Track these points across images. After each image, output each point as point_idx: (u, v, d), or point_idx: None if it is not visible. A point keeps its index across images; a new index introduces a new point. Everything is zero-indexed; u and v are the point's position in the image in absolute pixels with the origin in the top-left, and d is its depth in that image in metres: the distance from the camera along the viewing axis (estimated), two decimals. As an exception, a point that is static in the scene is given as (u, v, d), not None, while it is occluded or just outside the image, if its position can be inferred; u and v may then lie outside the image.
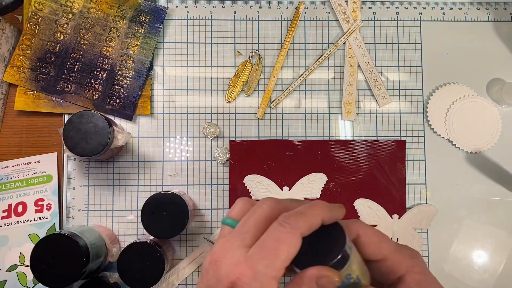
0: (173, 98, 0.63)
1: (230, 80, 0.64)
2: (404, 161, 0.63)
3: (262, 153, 0.62)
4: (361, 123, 0.64)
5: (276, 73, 0.64)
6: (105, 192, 0.62)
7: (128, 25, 0.63)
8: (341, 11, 0.65)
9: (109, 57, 0.62)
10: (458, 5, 0.66)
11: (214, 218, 0.62)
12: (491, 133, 0.64)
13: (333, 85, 0.64)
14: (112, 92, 0.62)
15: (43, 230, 0.60)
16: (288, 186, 0.62)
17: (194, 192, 0.62)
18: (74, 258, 0.50)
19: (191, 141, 0.63)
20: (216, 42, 0.64)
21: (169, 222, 0.54)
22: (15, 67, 0.62)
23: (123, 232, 0.61)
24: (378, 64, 0.65)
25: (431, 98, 0.64)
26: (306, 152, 0.62)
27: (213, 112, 0.63)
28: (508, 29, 0.66)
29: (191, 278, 0.61)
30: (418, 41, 0.65)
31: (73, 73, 0.62)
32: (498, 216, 0.63)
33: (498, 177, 0.64)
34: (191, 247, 0.61)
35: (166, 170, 0.62)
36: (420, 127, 0.64)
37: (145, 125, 0.63)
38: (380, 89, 0.64)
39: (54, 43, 0.62)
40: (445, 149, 0.64)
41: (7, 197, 0.61)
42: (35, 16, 0.62)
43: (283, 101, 0.64)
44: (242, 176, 0.62)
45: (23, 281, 0.60)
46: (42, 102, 0.62)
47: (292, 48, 0.65)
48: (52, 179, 0.61)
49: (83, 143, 0.54)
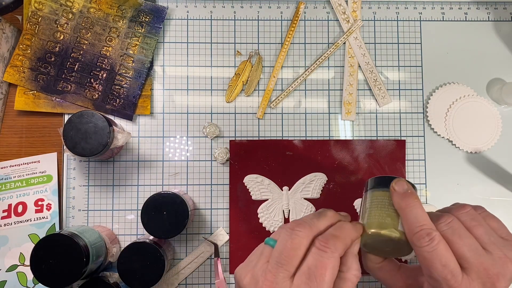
0: (173, 98, 0.63)
1: (230, 80, 0.64)
2: (404, 161, 0.63)
3: (262, 153, 0.62)
4: (361, 123, 0.64)
5: (276, 73, 0.64)
6: (105, 192, 0.62)
7: (128, 25, 0.63)
8: (341, 11, 0.65)
9: (109, 57, 0.62)
10: (458, 5, 0.66)
11: (214, 218, 0.62)
12: (491, 133, 0.64)
13: (333, 85, 0.64)
14: (112, 92, 0.62)
15: (43, 230, 0.60)
16: (288, 186, 0.62)
17: (194, 192, 0.62)
18: (74, 258, 0.50)
19: (191, 141, 0.63)
20: (216, 42, 0.64)
21: (169, 222, 0.54)
22: (15, 67, 0.62)
23: (123, 232, 0.61)
24: (378, 64, 0.65)
25: (431, 98, 0.64)
26: (306, 152, 0.62)
27: (213, 112, 0.63)
28: (508, 29, 0.66)
29: (191, 278, 0.61)
30: (418, 41, 0.65)
31: (73, 73, 0.62)
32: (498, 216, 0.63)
33: (498, 177, 0.64)
34: (191, 247, 0.61)
35: (166, 170, 0.62)
36: (420, 127, 0.64)
37: (145, 125, 0.63)
38: (380, 89, 0.64)
39: (54, 43, 0.62)
40: (445, 149, 0.64)
41: (7, 197, 0.61)
42: (35, 16, 0.62)
43: (283, 101, 0.64)
44: (242, 176, 0.62)
45: (23, 281, 0.60)
46: (42, 102, 0.62)
47: (292, 48, 0.65)
48: (52, 179, 0.61)
49: (83, 143, 0.54)
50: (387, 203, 0.42)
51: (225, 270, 0.61)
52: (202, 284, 0.61)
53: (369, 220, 0.42)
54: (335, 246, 0.38)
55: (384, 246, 0.42)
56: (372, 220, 0.42)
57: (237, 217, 0.61)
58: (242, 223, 0.61)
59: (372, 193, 0.43)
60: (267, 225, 0.61)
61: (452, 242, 0.37)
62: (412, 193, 0.41)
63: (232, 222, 0.61)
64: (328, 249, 0.37)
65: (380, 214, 0.41)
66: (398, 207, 0.40)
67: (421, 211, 0.39)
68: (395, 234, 0.40)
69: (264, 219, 0.61)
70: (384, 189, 0.43)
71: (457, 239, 0.37)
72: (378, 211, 0.42)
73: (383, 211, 0.42)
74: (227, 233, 0.61)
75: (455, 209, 0.41)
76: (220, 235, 0.61)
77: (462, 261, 0.37)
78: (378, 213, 0.42)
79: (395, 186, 0.41)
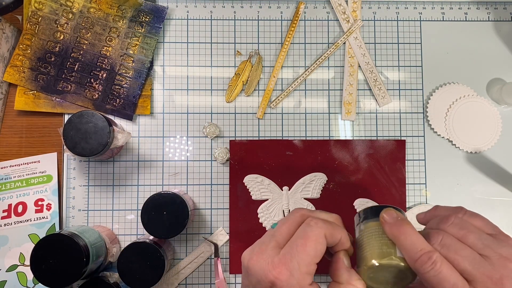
0: (173, 98, 0.63)
1: (230, 80, 0.64)
2: (404, 161, 0.63)
3: (262, 153, 0.62)
4: (361, 123, 0.64)
5: (276, 73, 0.64)
6: (105, 192, 0.62)
7: (128, 25, 0.63)
8: (341, 11, 0.65)
9: (109, 57, 0.62)
10: (458, 5, 0.66)
11: (214, 218, 0.62)
12: (491, 133, 0.64)
13: (333, 85, 0.64)
14: (112, 92, 0.62)
15: (43, 230, 0.60)
16: (288, 186, 0.62)
17: (194, 192, 0.62)
18: (74, 258, 0.50)
19: (191, 141, 0.63)
20: (216, 42, 0.64)
21: (169, 222, 0.54)
22: (15, 67, 0.62)
23: (123, 232, 0.61)
24: (378, 64, 0.65)
25: (431, 98, 0.64)
26: (306, 152, 0.62)
27: (213, 112, 0.63)
28: (508, 29, 0.66)
29: (191, 278, 0.61)
30: (418, 41, 0.65)
31: (73, 73, 0.62)
32: (498, 216, 0.63)
33: (498, 177, 0.64)
34: (191, 247, 0.61)
35: (166, 170, 0.62)
36: (420, 127, 0.64)
37: (145, 125, 0.63)
38: (380, 89, 0.64)
39: (54, 43, 0.62)
40: (445, 149, 0.64)
41: (7, 197, 0.61)
42: (35, 16, 0.62)
43: (283, 101, 0.64)
44: (242, 176, 0.62)
45: (23, 281, 0.60)
46: (42, 102, 0.62)
47: (292, 48, 0.65)
48: (52, 179, 0.61)
49: (83, 143, 0.54)
50: (382, 232, 0.41)
51: (225, 270, 0.61)
52: (202, 284, 0.61)
53: (367, 252, 0.41)
54: (322, 223, 0.40)
55: (388, 276, 0.42)
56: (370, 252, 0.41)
57: (237, 217, 0.61)
58: (242, 223, 0.61)
59: (365, 225, 0.43)
60: (267, 225, 0.61)
61: (451, 259, 0.37)
62: (403, 219, 0.40)
63: (232, 222, 0.61)
64: (314, 224, 0.40)
65: (377, 245, 0.41)
66: (392, 237, 0.40)
67: (415, 236, 0.39)
68: (395, 261, 0.40)
69: (264, 219, 0.61)
70: (376, 220, 0.42)
71: (454, 255, 0.37)
72: (374, 242, 0.41)
73: (379, 241, 0.41)
74: (227, 233, 0.61)
75: (441, 223, 0.41)
76: (220, 235, 0.61)
77: (465, 275, 0.37)
78: (375, 244, 0.41)
79: (384, 217, 0.41)
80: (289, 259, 0.38)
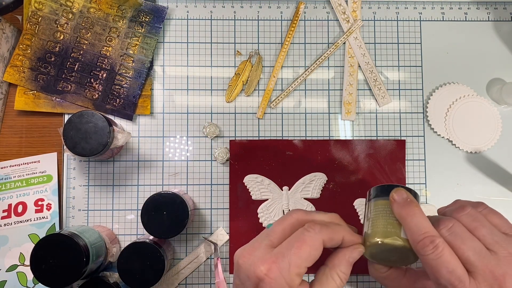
0: (173, 98, 0.63)
1: (230, 80, 0.64)
2: (404, 161, 0.63)
3: (262, 153, 0.62)
4: (361, 123, 0.64)
5: (276, 73, 0.64)
6: (105, 192, 0.62)
7: (128, 25, 0.63)
8: (341, 11, 0.65)
9: (109, 57, 0.62)
10: (458, 5, 0.66)
11: (214, 218, 0.62)
12: (491, 133, 0.64)
13: (333, 85, 0.64)
14: (112, 92, 0.62)
15: (43, 230, 0.60)
16: (288, 186, 0.62)
17: (194, 192, 0.62)
18: (74, 258, 0.50)
19: (191, 141, 0.63)
20: (216, 42, 0.64)
21: (169, 222, 0.54)
22: (15, 67, 0.62)
23: (123, 232, 0.61)
24: (378, 64, 0.65)
25: (431, 98, 0.64)
26: (306, 152, 0.62)
27: (213, 112, 0.63)
28: (508, 29, 0.66)
29: (191, 278, 0.61)
30: (418, 41, 0.65)
31: (73, 73, 0.62)
32: (498, 216, 0.63)
33: (498, 177, 0.64)
34: (191, 247, 0.61)
35: (166, 170, 0.62)
36: (420, 127, 0.64)
37: (145, 125, 0.63)
38: (380, 89, 0.64)
39: (54, 43, 0.62)
40: (445, 149, 0.64)
41: (7, 197, 0.61)
42: (35, 16, 0.62)
43: (283, 101, 0.64)
44: (242, 176, 0.62)
45: (23, 281, 0.60)
46: (42, 102, 0.62)
47: (292, 48, 0.65)
48: (52, 179, 0.61)
49: (83, 143, 0.54)
50: (390, 212, 0.42)
51: (225, 270, 0.61)
52: (202, 284, 0.61)
53: (372, 229, 0.42)
54: (321, 229, 0.39)
55: (389, 255, 0.42)
56: (375, 229, 0.42)
57: (237, 217, 0.61)
58: (242, 223, 0.61)
59: (375, 202, 0.43)
60: (267, 225, 0.61)
61: (456, 247, 0.37)
62: (412, 201, 0.40)
63: (232, 222, 0.61)
64: (312, 229, 0.39)
65: (383, 223, 0.41)
66: (398, 217, 0.40)
67: (422, 218, 0.39)
68: (398, 242, 0.40)
69: (264, 219, 0.61)
70: (386, 198, 0.43)
71: (460, 244, 0.37)
72: (381, 220, 0.42)
73: (385, 220, 0.41)
74: (227, 233, 0.61)
75: (455, 211, 0.41)
76: (220, 235, 0.61)
77: (467, 265, 0.37)
78: (381, 222, 0.42)
79: (394, 196, 0.41)
80: (280, 258, 0.38)
